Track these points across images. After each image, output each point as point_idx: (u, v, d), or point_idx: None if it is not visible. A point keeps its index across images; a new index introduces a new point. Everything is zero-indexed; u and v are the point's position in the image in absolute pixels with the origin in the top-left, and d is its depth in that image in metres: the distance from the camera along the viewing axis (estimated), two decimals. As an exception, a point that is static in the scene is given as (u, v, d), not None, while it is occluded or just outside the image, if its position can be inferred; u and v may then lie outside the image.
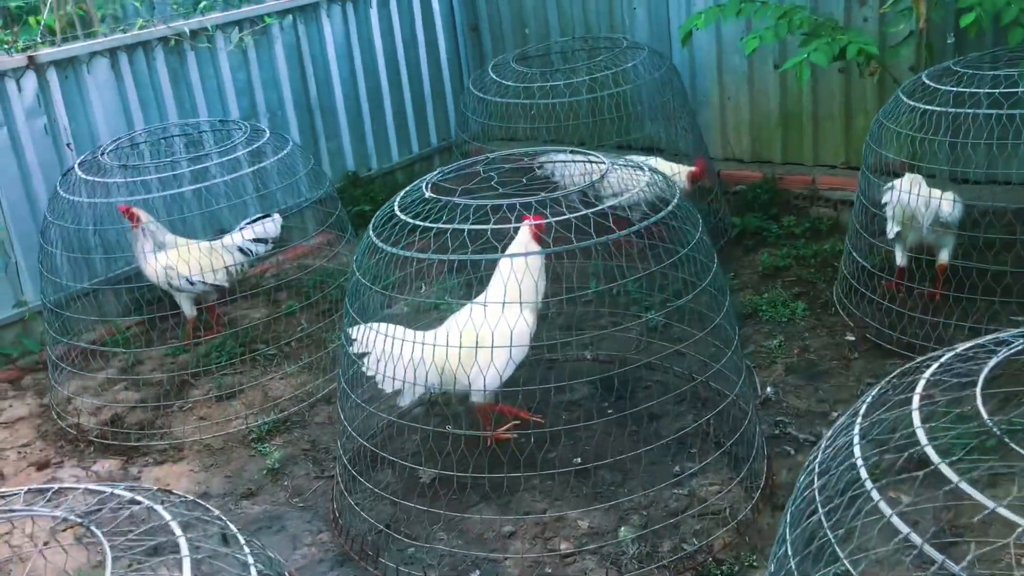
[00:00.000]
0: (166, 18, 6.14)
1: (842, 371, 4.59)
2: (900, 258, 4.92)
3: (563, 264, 4.57)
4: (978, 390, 1.95)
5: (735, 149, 6.78)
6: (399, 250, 3.30)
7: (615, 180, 4.14)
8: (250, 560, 2.01)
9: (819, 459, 2.19)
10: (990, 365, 1.97)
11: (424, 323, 4.34)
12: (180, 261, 5.12)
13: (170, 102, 5.97)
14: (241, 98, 6.34)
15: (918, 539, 1.68)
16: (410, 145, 7.54)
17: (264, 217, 5.33)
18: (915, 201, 4.65)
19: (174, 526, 2.04)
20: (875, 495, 1.88)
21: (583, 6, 7.16)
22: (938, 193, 4.66)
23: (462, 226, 3.19)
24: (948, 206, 4.62)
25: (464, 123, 6.22)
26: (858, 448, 2.04)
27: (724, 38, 6.48)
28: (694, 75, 6.74)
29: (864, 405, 2.21)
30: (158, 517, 2.11)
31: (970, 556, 1.75)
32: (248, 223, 5.32)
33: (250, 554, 2.04)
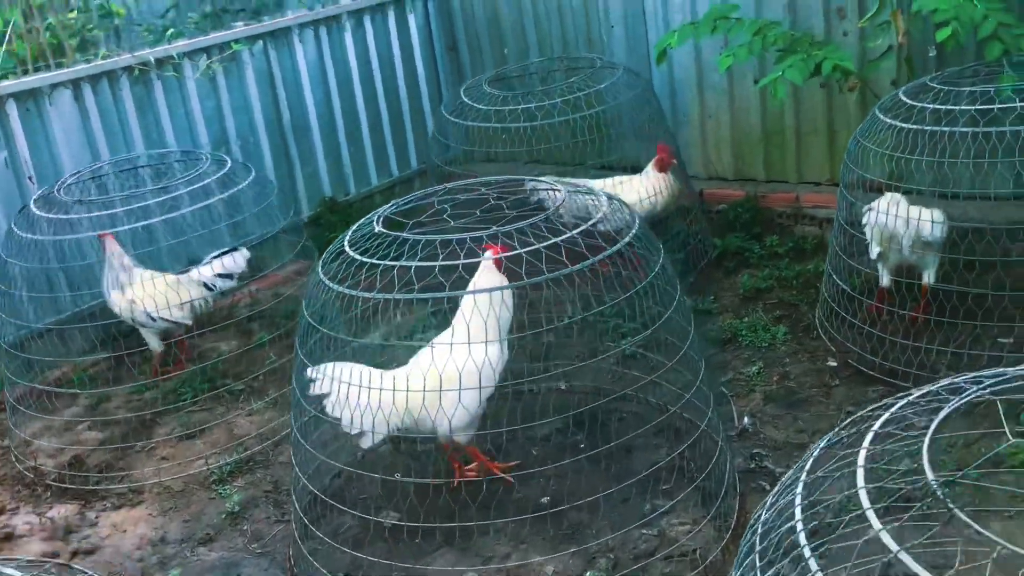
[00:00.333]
0: (132, 47, 6.05)
1: (822, 399, 4.43)
2: (883, 279, 4.77)
3: (540, 291, 4.44)
4: (924, 448, 1.80)
5: (717, 167, 6.64)
6: (346, 289, 3.17)
7: (588, 204, 4.02)
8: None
9: (763, 518, 2.04)
10: (937, 420, 1.83)
11: (398, 351, 4.21)
12: (145, 296, 5.00)
13: (137, 132, 5.87)
14: (211, 125, 6.23)
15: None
16: (389, 168, 7.42)
17: (231, 251, 5.21)
18: (895, 222, 4.50)
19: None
20: (813, 565, 1.74)
21: (561, 25, 7.05)
22: (919, 212, 4.51)
23: (409, 263, 3.05)
24: (929, 226, 4.48)
25: (437, 147, 6.10)
26: (799, 510, 1.90)
27: (703, 55, 6.35)
28: (674, 93, 6.61)
29: (811, 459, 2.07)
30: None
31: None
32: (214, 257, 5.20)
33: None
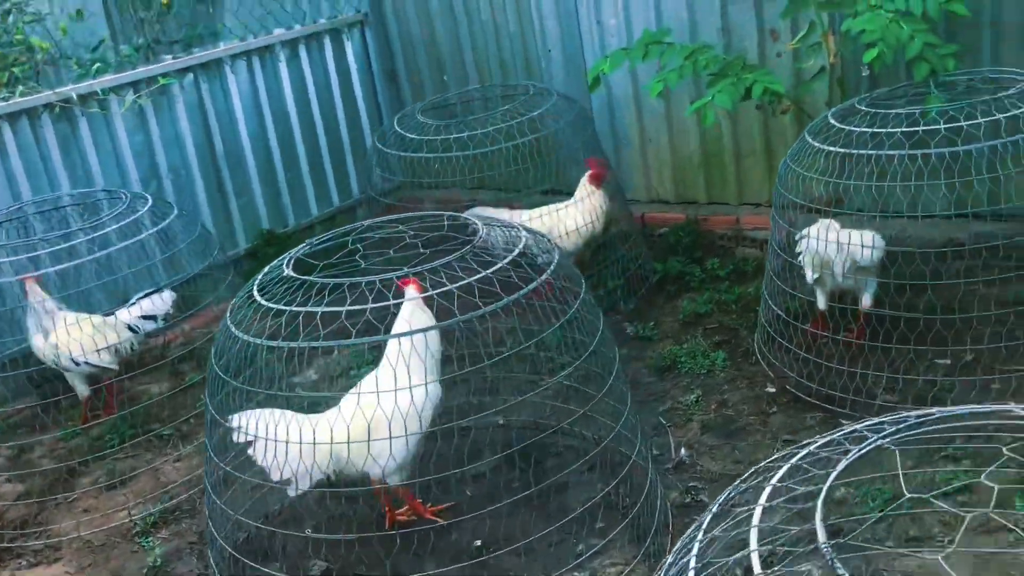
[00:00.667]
0: (57, 83, 5.89)
1: (760, 427, 4.37)
2: (821, 303, 4.73)
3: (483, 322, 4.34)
4: (818, 507, 1.72)
5: (659, 190, 6.60)
6: (252, 338, 3.05)
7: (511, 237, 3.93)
8: None
9: (661, 581, 1.96)
10: (833, 475, 1.75)
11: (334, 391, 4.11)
12: (70, 340, 4.83)
13: (61, 170, 5.71)
14: (140, 160, 6.09)
15: None
16: (330, 198, 7.31)
17: (155, 292, 5.06)
18: (829, 249, 4.46)
19: None
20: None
21: (498, 49, 6.99)
22: (855, 237, 4.47)
23: (315, 308, 2.95)
24: (862, 251, 4.44)
25: (372, 179, 6.00)
26: (692, 573, 1.81)
27: (640, 79, 6.31)
28: (613, 116, 6.57)
29: (709, 516, 1.98)
30: None
31: None
32: (139, 298, 5.05)
33: None
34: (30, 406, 5.19)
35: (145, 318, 5.00)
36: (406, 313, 3.57)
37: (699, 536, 1.90)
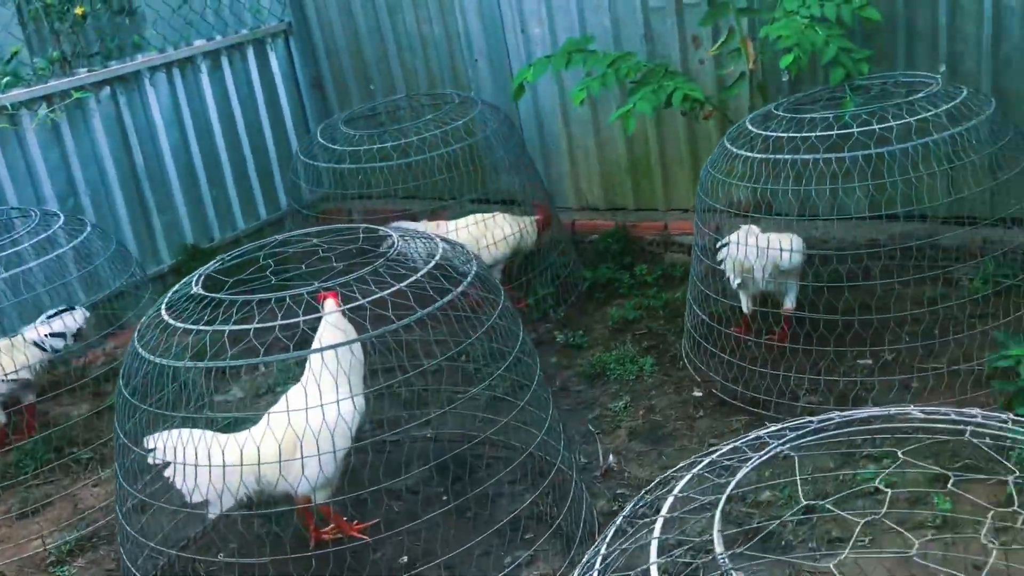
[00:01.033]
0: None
1: (687, 432, 4.38)
2: (745, 307, 4.76)
3: (410, 333, 4.28)
4: (716, 519, 1.70)
5: (588, 197, 6.61)
6: (158, 359, 2.96)
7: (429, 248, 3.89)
8: None
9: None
10: (730, 487, 1.74)
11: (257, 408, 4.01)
12: (-24, 362, 4.66)
13: (-31, 188, 5.53)
14: (56, 176, 5.91)
15: None
16: (257, 211, 7.19)
17: (66, 310, 4.91)
18: (749, 254, 4.50)
19: None
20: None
21: (425, 59, 6.94)
22: (774, 241, 4.52)
23: (223, 327, 2.87)
24: (782, 255, 4.48)
25: (295, 190, 5.91)
26: (594, 590, 1.78)
27: (567, 86, 6.32)
28: (542, 125, 6.57)
29: (612, 530, 1.96)
30: None
31: None
32: (48, 317, 4.89)
33: None
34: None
35: (54, 335, 4.84)
36: (324, 328, 3.51)
37: (602, 550, 1.88)
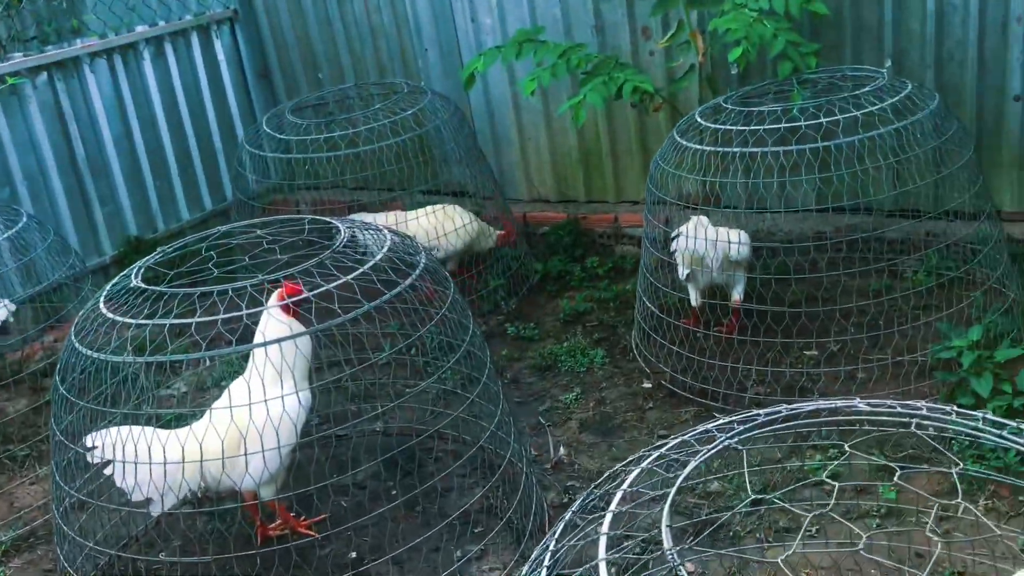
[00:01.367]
0: None
1: (637, 424, 4.39)
2: (694, 299, 4.78)
3: (357, 327, 4.22)
4: (664, 515, 1.69)
5: (540, 189, 6.59)
6: (96, 354, 2.87)
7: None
8: None
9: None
10: (679, 482, 1.72)
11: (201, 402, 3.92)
12: None
13: (-103, 176, 5.33)
14: (-11, 165, 5.74)
15: None
16: (201, 202, 7.05)
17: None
18: (702, 246, 4.51)
19: None
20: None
21: (375, 49, 6.85)
22: (721, 233, 4.54)
23: (163, 321, 2.79)
24: (732, 247, 4.51)
25: (241, 180, 5.79)
26: (542, 586, 1.76)
27: (517, 77, 6.28)
28: (493, 116, 6.52)
29: (561, 526, 1.94)
30: None
31: None
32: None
33: None
34: None
35: (-28, 327, 4.70)
36: (267, 322, 3.44)
37: (551, 546, 1.85)
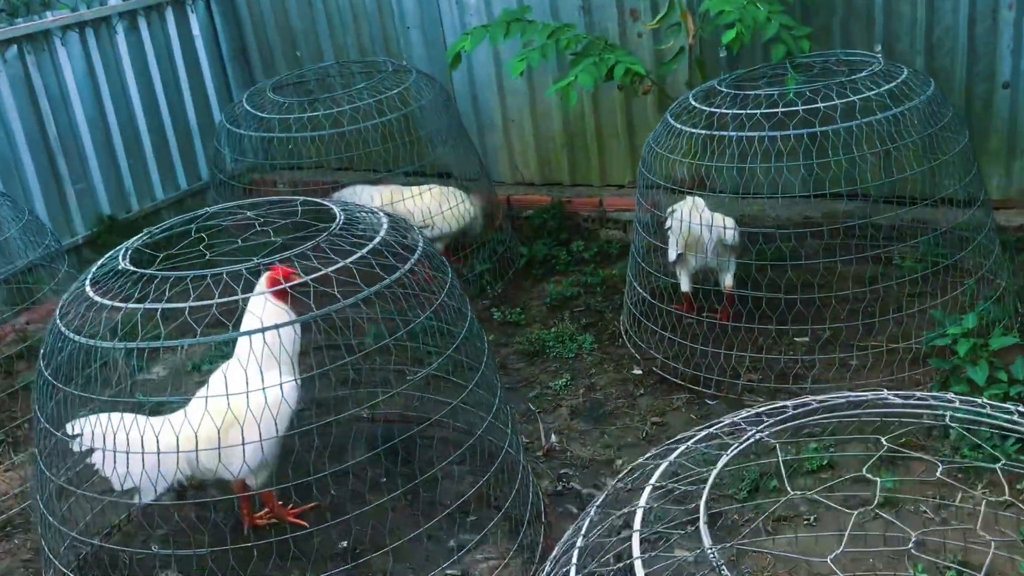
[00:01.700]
0: None
1: (628, 410, 4.34)
2: (684, 285, 4.74)
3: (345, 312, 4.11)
4: (702, 506, 1.63)
5: (524, 172, 6.51)
6: (82, 338, 2.76)
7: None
8: None
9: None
10: (714, 474, 1.67)
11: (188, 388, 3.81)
12: None
13: None
14: (-44, 141, 5.55)
15: None
16: (176, 181, 6.89)
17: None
18: (699, 226, 4.46)
19: None
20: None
21: (356, 28, 6.71)
22: (714, 218, 4.49)
23: (155, 305, 2.68)
24: (725, 231, 4.46)
25: (219, 161, 5.65)
26: (572, 582, 1.70)
27: (503, 57, 6.18)
28: (476, 98, 6.42)
29: (587, 521, 1.87)
30: None
31: None
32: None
33: None
34: None
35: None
36: (255, 306, 3.33)
37: (578, 542, 1.79)
